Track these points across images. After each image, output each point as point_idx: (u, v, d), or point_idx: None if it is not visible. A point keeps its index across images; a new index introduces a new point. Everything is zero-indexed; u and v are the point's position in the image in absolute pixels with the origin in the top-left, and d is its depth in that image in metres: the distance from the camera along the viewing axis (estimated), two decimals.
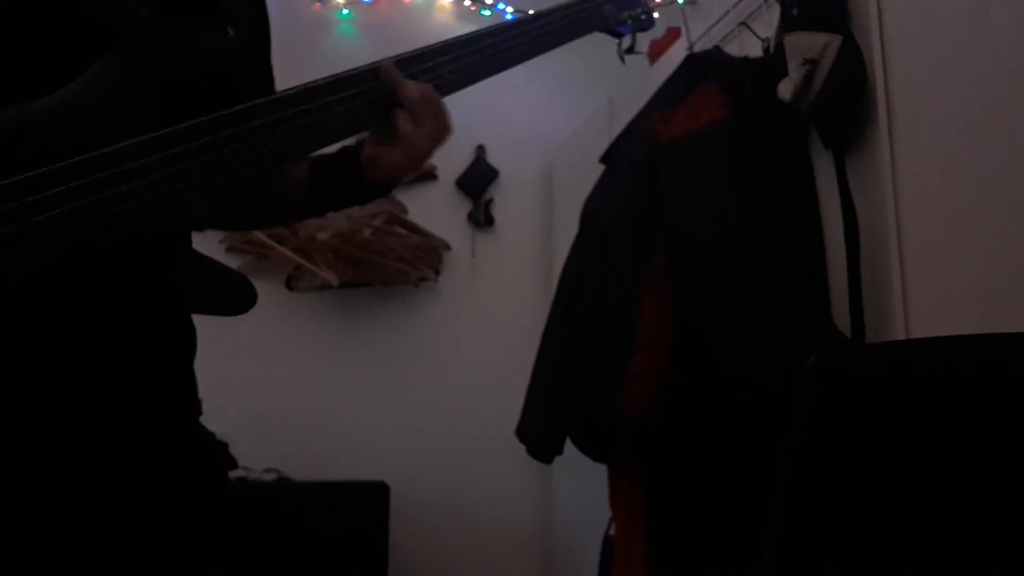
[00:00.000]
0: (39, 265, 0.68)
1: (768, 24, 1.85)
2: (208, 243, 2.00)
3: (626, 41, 1.21)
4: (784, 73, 1.64)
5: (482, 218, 3.43)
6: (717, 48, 2.05)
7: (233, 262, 3.08)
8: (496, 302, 3.38)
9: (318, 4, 3.42)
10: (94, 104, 0.74)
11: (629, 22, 1.18)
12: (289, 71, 1.02)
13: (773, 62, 1.73)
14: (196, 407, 0.90)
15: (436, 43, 0.95)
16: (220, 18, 0.85)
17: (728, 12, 2.06)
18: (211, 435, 0.91)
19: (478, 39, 0.98)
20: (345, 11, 3.44)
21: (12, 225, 0.67)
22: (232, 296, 0.84)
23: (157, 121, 0.75)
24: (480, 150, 3.45)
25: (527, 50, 1.03)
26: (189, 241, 0.86)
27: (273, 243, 3.07)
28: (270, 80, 1.02)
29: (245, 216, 1.09)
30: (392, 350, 3.27)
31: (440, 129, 0.90)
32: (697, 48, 2.16)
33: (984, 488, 0.84)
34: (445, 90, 0.93)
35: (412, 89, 0.88)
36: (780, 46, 1.68)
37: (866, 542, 0.86)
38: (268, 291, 3.06)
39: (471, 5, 3.51)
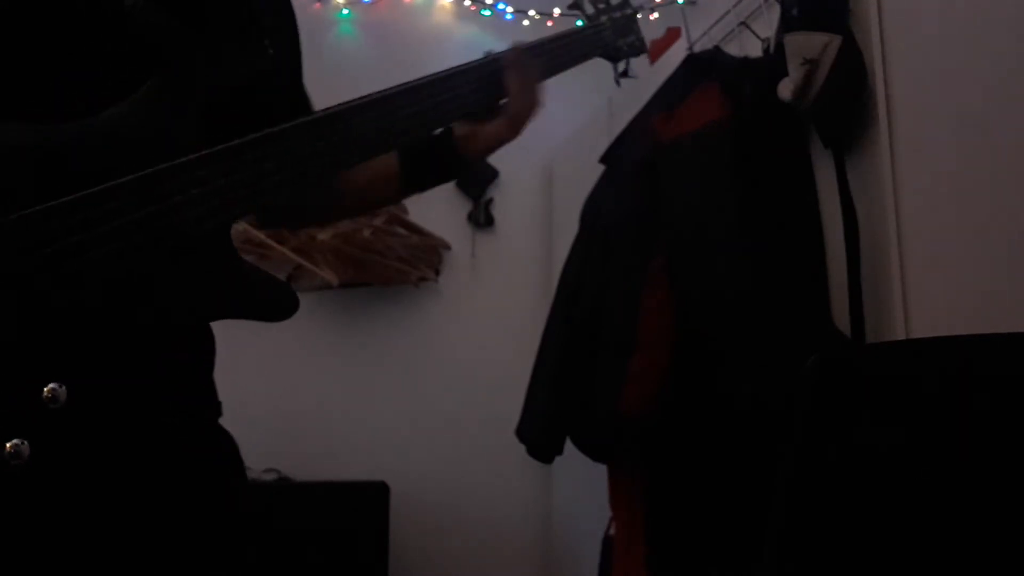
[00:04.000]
0: (100, 274, 0.71)
1: (768, 24, 1.85)
2: None
3: (621, 65, 1.33)
4: (784, 73, 1.64)
5: (482, 218, 3.43)
6: (717, 48, 2.05)
7: None
8: (496, 302, 3.37)
9: (318, 4, 3.42)
10: (142, 124, 0.76)
11: (625, 48, 1.30)
12: None
13: (773, 62, 1.73)
14: (216, 408, 0.92)
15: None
16: (259, 35, 0.87)
17: (728, 12, 2.06)
18: (229, 435, 0.92)
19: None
20: (345, 11, 3.44)
21: (76, 237, 0.70)
22: (274, 303, 0.85)
23: (202, 140, 0.78)
24: None
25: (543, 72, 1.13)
26: (230, 248, 0.87)
27: (273, 243, 3.06)
28: (303, 92, 1.03)
29: (311, 214, 1.16)
30: (392, 350, 3.27)
31: (540, 100, 1.08)
32: (697, 48, 2.16)
33: (984, 488, 0.84)
34: None
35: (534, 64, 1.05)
36: (780, 46, 1.68)
37: (866, 542, 0.85)
38: None
39: (471, 5, 3.51)
